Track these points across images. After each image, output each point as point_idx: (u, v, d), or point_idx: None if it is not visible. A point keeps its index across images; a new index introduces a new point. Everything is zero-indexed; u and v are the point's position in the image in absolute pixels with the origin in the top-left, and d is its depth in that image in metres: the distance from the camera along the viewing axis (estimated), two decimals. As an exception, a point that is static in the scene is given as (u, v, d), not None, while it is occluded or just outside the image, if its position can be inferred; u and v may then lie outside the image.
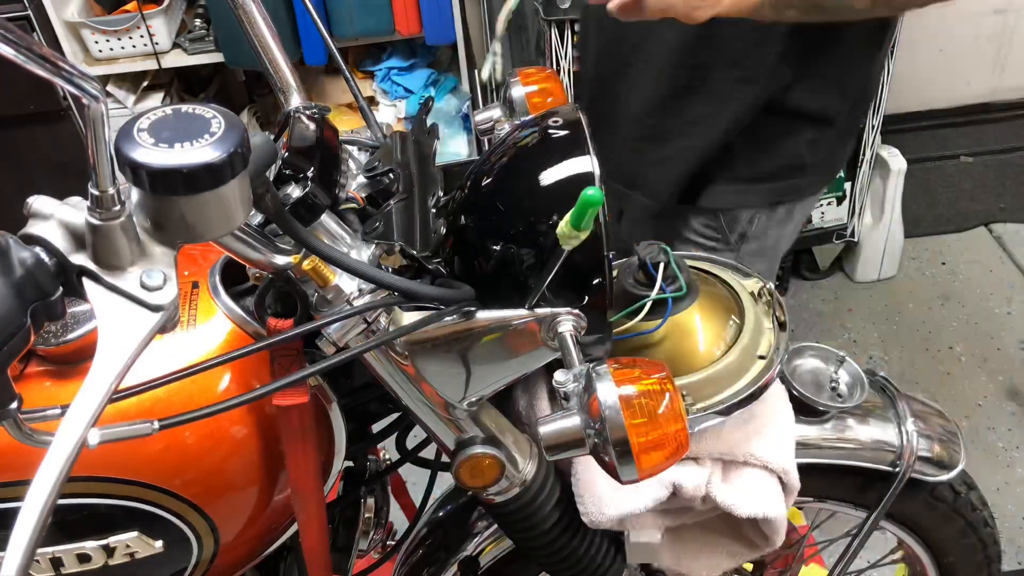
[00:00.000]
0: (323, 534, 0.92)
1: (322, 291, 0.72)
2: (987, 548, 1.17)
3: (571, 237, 0.66)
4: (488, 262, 0.77)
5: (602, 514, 0.89)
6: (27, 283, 0.56)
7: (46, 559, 0.78)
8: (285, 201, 0.69)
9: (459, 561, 1.06)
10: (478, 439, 0.84)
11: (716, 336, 0.91)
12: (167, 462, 0.78)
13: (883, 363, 2.36)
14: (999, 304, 2.50)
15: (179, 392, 0.76)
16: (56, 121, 2.38)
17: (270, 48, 0.88)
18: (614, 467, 0.65)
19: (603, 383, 0.65)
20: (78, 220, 0.58)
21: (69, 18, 2.27)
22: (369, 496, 1.14)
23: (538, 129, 0.81)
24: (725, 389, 0.89)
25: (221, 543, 0.85)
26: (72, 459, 0.53)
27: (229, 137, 0.54)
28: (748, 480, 0.92)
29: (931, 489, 1.09)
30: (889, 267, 2.58)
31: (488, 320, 0.75)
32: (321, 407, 0.86)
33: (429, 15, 2.30)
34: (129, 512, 0.78)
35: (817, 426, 1.04)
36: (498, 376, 0.81)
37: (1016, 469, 2.07)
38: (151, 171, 0.53)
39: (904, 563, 1.32)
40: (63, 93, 2.29)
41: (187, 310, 0.81)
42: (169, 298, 0.58)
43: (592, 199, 0.63)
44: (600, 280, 0.74)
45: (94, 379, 0.55)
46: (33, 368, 0.77)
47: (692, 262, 0.99)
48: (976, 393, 2.25)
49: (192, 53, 2.36)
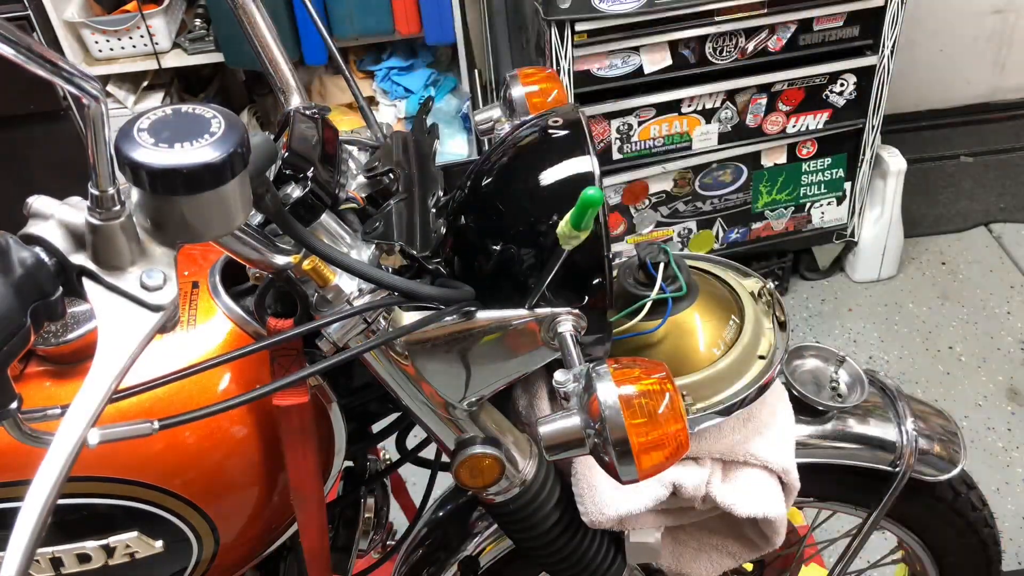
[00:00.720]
0: (323, 534, 0.92)
1: (322, 291, 0.72)
2: (987, 548, 1.17)
3: (571, 237, 0.66)
4: (488, 262, 0.77)
5: (602, 514, 0.88)
6: (27, 283, 0.56)
7: (46, 559, 0.78)
8: (285, 201, 0.69)
9: (459, 561, 1.06)
10: (478, 439, 0.84)
11: (716, 336, 0.91)
12: (167, 462, 0.78)
13: (883, 363, 2.36)
14: (999, 304, 2.50)
15: (179, 392, 0.76)
16: (56, 121, 2.37)
17: (270, 48, 0.88)
18: (614, 467, 0.65)
19: (603, 383, 0.65)
20: (78, 220, 0.58)
21: (69, 18, 2.27)
22: (369, 496, 1.14)
23: (538, 129, 0.81)
24: (725, 389, 0.89)
25: (221, 543, 0.84)
26: (72, 459, 0.53)
27: (229, 137, 0.54)
28: (748, 480, 0.92)
29: (931, 489, 1.09)
30: (889, 267, 2.58)
31: (488, 320, 0.75)
32: (321, 407, 0.86)
33: (429, 15, 2.30)
34: (129, 512, 0.78)
35: (817, 426, 1.04)
36: (498, 376, 0.81)
37: (1016, 469, 2.07)
38: (151, 171, 0.53)
39: (904, 563, 1.32)
40: (63, 93, 2.29)
41: (187, 310, 0.81)
42: (169, 298, 0.58)
43: (592, 199, 0.63)
44: (600, 280, 0.74)
45: (94, 379, 0.55)
46: (33, 368, 0.77)
47: (692, 262, 0.99)
48: (976, 393, 2.25)
49: (192, 53, 2.36)
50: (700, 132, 2.18)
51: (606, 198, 0.68)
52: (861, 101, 2.21)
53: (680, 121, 2.16)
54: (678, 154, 2.21)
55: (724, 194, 2.33)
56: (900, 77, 2.24)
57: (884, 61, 2.14)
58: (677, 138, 2.18)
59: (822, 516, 1.24)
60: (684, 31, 1.98)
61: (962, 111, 3.04)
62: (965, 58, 2.93)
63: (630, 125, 2.13)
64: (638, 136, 2.15)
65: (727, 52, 2.06)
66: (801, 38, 2.07)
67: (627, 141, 2.16)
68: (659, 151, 2.19)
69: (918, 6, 2.54)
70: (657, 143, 2.18)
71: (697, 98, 2.12)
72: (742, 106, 2.16)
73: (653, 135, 2.16)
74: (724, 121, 2.18)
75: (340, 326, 0.73)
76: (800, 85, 2.16)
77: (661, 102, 2.10)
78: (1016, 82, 3.02)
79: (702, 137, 2.20)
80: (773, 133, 2.23)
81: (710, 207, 2.35)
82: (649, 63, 2.03)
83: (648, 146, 2.18)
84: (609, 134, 2.13)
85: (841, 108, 2.22)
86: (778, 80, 2.13)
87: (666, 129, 2.16)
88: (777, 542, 0.96)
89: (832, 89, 2.19)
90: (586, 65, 2.00)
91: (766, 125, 2.21)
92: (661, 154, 2.20)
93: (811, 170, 2.35)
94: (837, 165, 2.36)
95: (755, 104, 2.17)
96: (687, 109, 2.13)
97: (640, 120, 2.12)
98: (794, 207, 2.40)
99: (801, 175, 2.36)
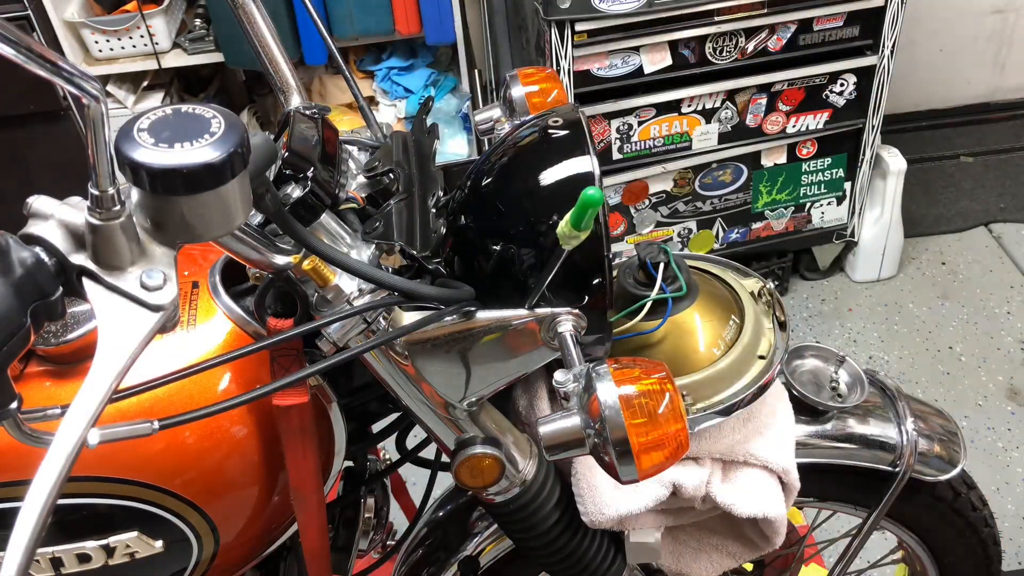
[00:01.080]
0: (323, 534, 0.92)
1: (322, 291, 0.72)
2: (987, 548, 1.17)
3: (571, 237, 0.66)
4: (488, 262, 0.77)
5: (602, 514, 0.88)
6: (27, 283, 0.56)
7: (46, 559, 0.78)
8: (285, 201, 0.69)
9: (459, 561, 1.06)
10: (478, 439, 0.84)
11: (716, 336, 0.91)
12: (167, 462, 0.78)
13: (883, 363, 2.36)
14: (999, 304, 2.50)
15: (179, 392, 0.76)
16: (56, 121, 2.38)
17: (270, 48, 0.88)
18: (614, 467, 0.65)
19: (603, 383, 0.65)
20: (78, 220, 0.58)
21: (69, 18, 2.27)
22: (369, 496, 1.14)
23: (538, 129, 0.81)
24: (725, 389, 0.89)
25: (221, 543, 0.84)
26: (72, 459, 0.53)
27: (229, 137, 0.54)
28: (748, 480, 0.92)
29: (931, 489, 1.09)
30: (889, 267, 2.58)
31: (488, 320, 0.75)
32: (321, 407, 0.86)
33: (429, 15, 2.30)
34: (129, 512, 0.78)
35: (817, 426, 1.04)
36: (498, 376, 0.81)
37: (1016, 469, 2.07)
38: (151, 171, 0.53)
39: (904, 563, 1.32)
40: (63, 93, 2.29)
41: (187, 310, 0.81)
42: (169, 298, 0.58)
43: (592, 199, 0.63)
44: (600, 280, 0.74)
45: (94, 379, 0.55)
46: (33, 368, 0.77)
47: (692, 262, 0.99)
48: (976, 393, 2.25)
49: (192, 53, 2.36)
50: (700, 132, 2.19)
51: (606, 198, 0.68)
52: (861, 101, 2.21)
53: (680, 121, 2.16)
54: (678, 154, 2.21)
55: (724, 194, 2.33)
56: (900, 77, 2.24)
57: (884, 61, 2.14)
58: (677, 138, 2.18)
59: (822, 516, 1.24)
60: (684, 31, 1.98)
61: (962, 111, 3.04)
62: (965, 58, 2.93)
63: (630, 125, 2.13)
64: (638, 136, 2.15)
65: (727, 52, 2.06)
66: (801, 38, 2.07)
67: (627, 141, 2.16)
68: (659, 151, 2.20)
69: (918, 6, 2.54)
70: (657, 143, 2.18)
71: (697, 98, 2.12)
72: (742, 106, 2.16)
73: (653, 135, 2.16)
74: (724, 121, 2.18)
75: (340, 326, 0.73)
76: (800, 85, 2.16)
77: (661, 102, 2.10)
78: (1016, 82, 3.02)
79: (702, 137, 2.20)
80: (773, 133, 2.23)
81: (710, 207, 2.35)
82: (649, 63, 2.04)
83: (648, 146, 2.18)
84: (609, 134, 2.13)
85: (841, 108, 2.22)
86: (778, 80, 2.13)
87: (666, 129, 2.16)
88: (777, 542, 0.96)
89: (832, 89, 2.19)
90: (586, 65, 2.00)
91: (766, 125, 2.21)
92: (661, 154, 2.20)
93: (811, 170, 2.35)
94: (837, 165, 2.36)
95: (755, 104, 2.17)
96: (687, 109, 2.13)
97: (640, 120, 2.13)
98: (794, 207, 2.40)
99: (801, 175, 2.36)
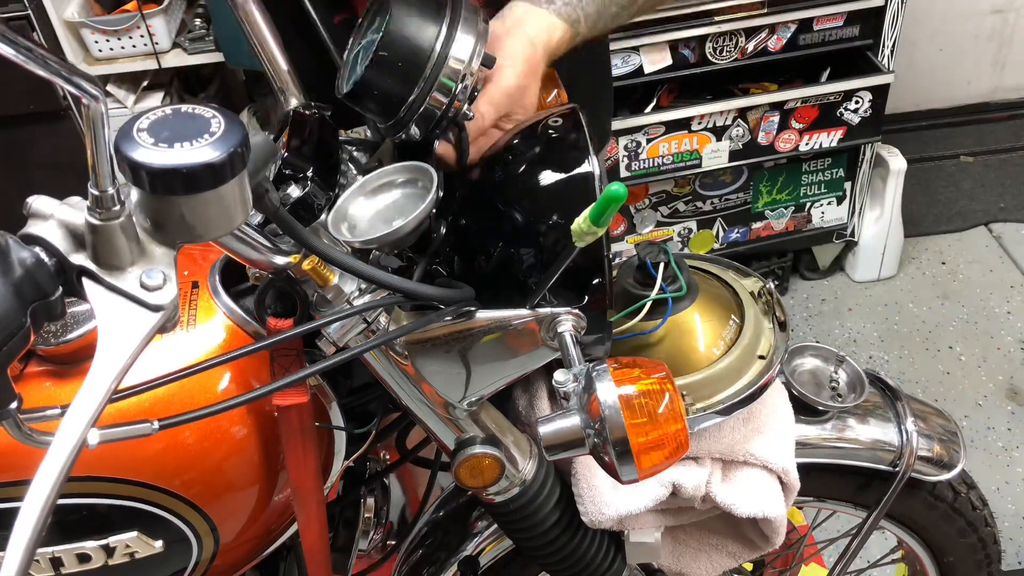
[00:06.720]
0: (323, 534, 0.92)
1: (322, 291, 0.72)
2: (987, 547, 1.17)
3: (588, 234, 0.65)
4: (488, 262, 0.77)
5: (602, 514, 0.89)
6: (27, 283, 0.56)
7: (46, 559, 0.78)
8: (285, 201, 0.69)
9: (459, 561, 1.06)
10: (478, 439, 0.84)
11: (716, 336, 0.91)
12: (167, 462, 0.78)
13: (883, 363, 2.36)
14: (999, 304, 2.50)
15: (179, 392, 0.76)
16: (56, 121, 2.37)
17: (270, 48, 0.88)
18: (614, 467, 0.65)
19: (603, 383, 0.65)
20: (78, 220, 0.58)
21: (69, 18, 2.26)
22: (369, 496, 1.14)
23: (538, 129, 0.81)
24: (725, 389, 0.89)
25: (221, 543, 0.84)
26: (72, 459, 0.53)
27: (229, 137, 0.54)
28: (748, 480, 0.92)
29: (931, 489, 1.09)
30: (889, 267, 2.58)
31: (488, 320, 0.75)
32: (321, 407, 0.86)
33: (429, 15, 2.29)
34: (129, 512, 0.78)
35: (817, 426, 1.04)
36: (498, 376, 0.81)
37: (1016, 469, 2.07)
38: (151, 171, 0.53)
39: (904, 563, 1.32)
40: (63, 93, 2.29)
41: (187, 310, 0.81)
42: (169, 298, 0.58)
43: (616, 195, 0.61)
44: (600, 280, 0.74)
45: (94, 379, 0.55)
46: (33, 368, 0.77)
47: (692, 262, 0.99)
48: (976, 393, 2.25)
49: (192, 53, 2.35)
50: (711, 149, 2.16)
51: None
52: (876, 118, 2.18)
53: (690, 139, 2.13)
54: (687, 171, 2.19)
55: (724, 194, 2.33)
56: (900, 77, 2.24)
57: (885, 61, 2.14)
58: (687, 155, 2.16)
59: (822, 516, 1.24)
60: (684, 31, 1.98)
61: (962, 111, 3.04)
62: (965, 58, 2.93)
63: (638, 143, 2.10)
64: (646, 154, 2.13)
65: (727, 52, 2.06)
66: (801, 38, 2.07)
67: (635, 159, 2.13)
68: (668, 168, 2.17)
69: (918, 6, 2.54)
70: (666, 160, 2.15)
71: (708, 115, 2.10)
72: (754, 123, 2.14)
73: (662, 152, 2.13)
74: (736, 139, 2.15)
75: (340, 326, 0.73)
76: (814, 103, 2.13)
77: (671, 120, 2.08)
78: (1016, 82, 3.02)
79: (712, 155, 2.16)
80: (785, 151, 2.20)
81: (710, 207, 2.35)
82: (649, 63, 2.03)
83: (657, 164, 2.16)
84: (617, 151, 2.11)
85: (856, 126, 2.19)
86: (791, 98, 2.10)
87: (675, 147, 2.13)
88: (777, 542, 0.96)
89: (847, 107, 2.15)
90: (586, 65, 2.00)
91: (778, 143, 2.18)
92: (670, 171, 2.17)
93: (811, 170, 2.35)
94: (837, 165, 2.36)
95: (767, 122, 2.14)
96: (698, 127, 2.11)
97: (649, 138, 2.10)
98: (794, 207, 2.40)
99: (801, 175, 2.36)
